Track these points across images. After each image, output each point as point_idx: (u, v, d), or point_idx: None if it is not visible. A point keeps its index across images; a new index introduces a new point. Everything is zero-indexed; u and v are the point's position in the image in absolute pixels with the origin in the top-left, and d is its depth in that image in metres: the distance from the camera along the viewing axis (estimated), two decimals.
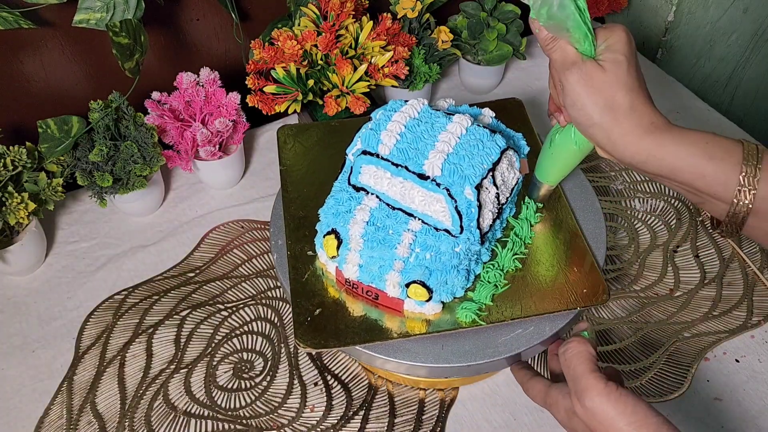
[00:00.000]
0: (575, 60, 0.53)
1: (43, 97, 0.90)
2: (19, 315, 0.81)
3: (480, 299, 0.61)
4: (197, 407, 0.72)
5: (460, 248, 0.59)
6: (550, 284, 0.62)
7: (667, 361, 0.75)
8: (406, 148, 0.60)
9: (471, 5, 1.00)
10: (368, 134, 0.61)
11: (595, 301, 0.60)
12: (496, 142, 0.61)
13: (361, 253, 0.59)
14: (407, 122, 0.61)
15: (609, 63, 0.52)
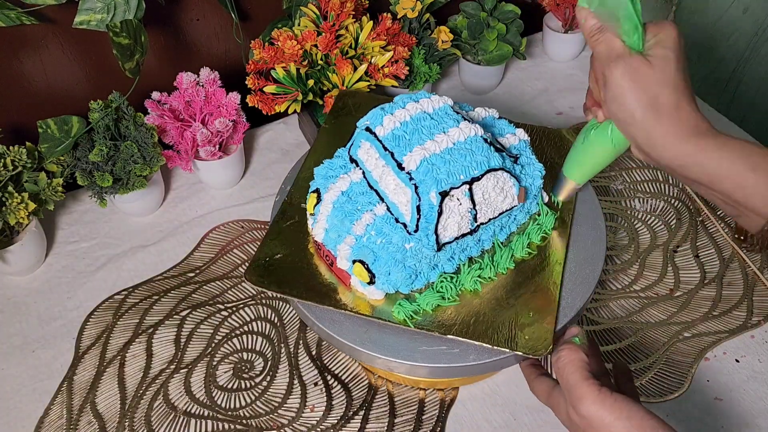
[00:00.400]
0: (622, 53, 0.50)
1: (43, 97, 0.90)
2: (19, 315, 0.81)
3: (421, 303, 0.61)
4: (197, 407, 0.72)
5: (411, 246, 0.59)
6: (494, 317, 0.61)
7: (667, 361, 0.75)
8: (400, 135, 0.60)
9: (471, 5, 1.00)
10: (377, 113, 0.63)
11: (529, 352, 0.58)
12: (487, 159, 0.59)
13: (328, 218, 0.62)
14: (417, 113, 0.62)
15: (657, 59, 0.50)
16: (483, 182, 0.59)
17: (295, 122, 1.02)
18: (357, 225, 0.61)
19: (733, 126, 1.01)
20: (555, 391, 0.57)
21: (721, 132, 0.51)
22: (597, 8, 0.51)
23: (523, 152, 0.67)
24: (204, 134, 0.85)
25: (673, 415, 0.70)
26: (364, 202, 0.62)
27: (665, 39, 0.51)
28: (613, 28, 0.51)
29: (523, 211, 0.66)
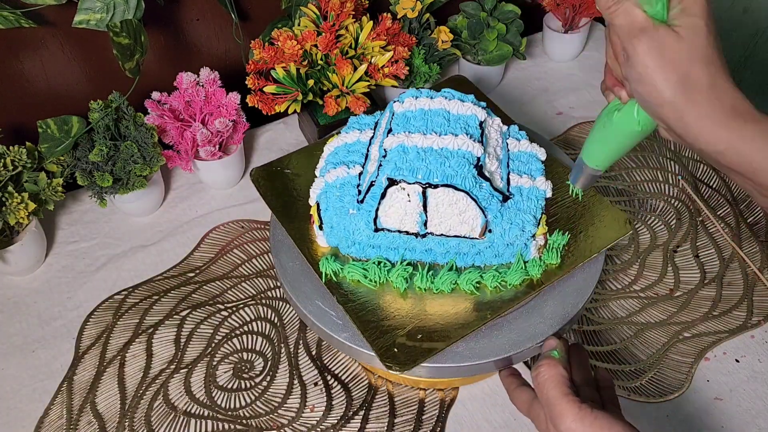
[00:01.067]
0: (645, 25, 0.44)
1: (43, 97, 0.90)
2: (19, 315, 0.81)
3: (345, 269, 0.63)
4: (197, 407, 0.72)
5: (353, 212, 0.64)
6: None
7: (667, 361, 0.75)
8: (410, 118, 0.64)
9: (471, 5, 1.00)
10: (410, 92, 0.66)
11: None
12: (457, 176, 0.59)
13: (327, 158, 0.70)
14: (438, 108, 0.64)
15: (686, 29, 0.43)
16: (439, 193, 0.59)
17: (295, 122, 1.02)
18: (331, 173, 0.65)
19: None
20: (535, 403, 0.56)
21: (764, 113, 0.44)
22: None
23: (531, 198, 0.64)
24: (204, 134, 0.85)
25: (673, 415, 0.70)
26: (354, 158, 0.67)
27: (692, 5, 0.44)
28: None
29: (492, 252, 0.63)
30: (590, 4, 1.05)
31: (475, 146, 0.60)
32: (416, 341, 0.59)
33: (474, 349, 0.60)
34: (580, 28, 1.10)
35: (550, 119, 1.03)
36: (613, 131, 0.53)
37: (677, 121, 0.45)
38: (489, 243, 0.62)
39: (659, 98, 0.45)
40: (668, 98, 0.44)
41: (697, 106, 0.44)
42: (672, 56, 0.44)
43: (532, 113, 1.05)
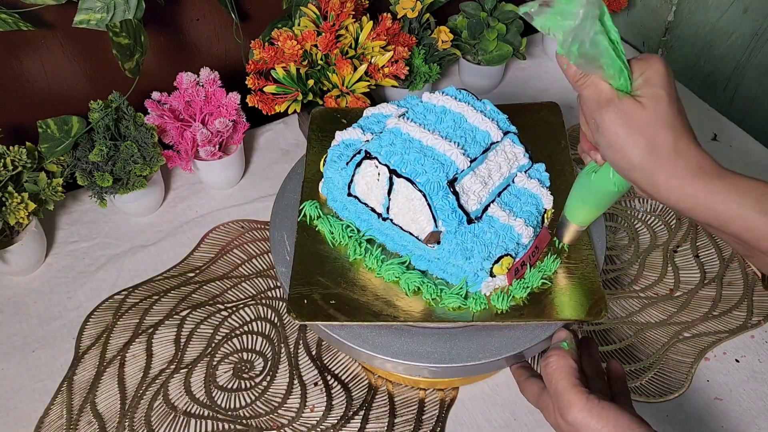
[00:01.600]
0: (610, 97, 0.48)
1: (43, 97, 0.90)
2: (19, 315, 0.81)
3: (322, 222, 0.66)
4: (197, 407, 0.72)
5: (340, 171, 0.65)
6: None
7: (667, 361, 0.75)
8: (426, 109, 0.64)
9: (471, 5, 1.00)
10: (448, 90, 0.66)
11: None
12: (423, 177, 0.59)
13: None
14: (457, 111, 0.64)
15: (648, 99, 0.47)
16: (401, 185, 0.60)
17: (295, 122, 1.02)
18: (347, 131, 0.68)
19: (734, 126, 1.01)
20: (545, 394, 0.57)
21: (728, 170, 0.48)
22: (577, 60, 0.47)
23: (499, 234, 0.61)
24: (204, 134, 0.85)
25: (673, 415, 0.70)
26: (375, 128, 0.68)
27: (653, 76, 0.48)
28: (598, 74, 0.48)
29: (439, 266, 0.62)
30: None
31: (461, 159, 0.60)
32: (327, 305, 0.60)
33: (474, 349, 0.60)
34: None
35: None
36: (592, 191, 0.57)
37: (647, 183, 0.49)
38: (438, 255, 0.61)
39: (629, 163, 0.48)
40: (637, 163, 0.48)
41: (664, 167, 0.47)
42: (637, 124, 0.47)
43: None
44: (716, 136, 1.00)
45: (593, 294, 0.61)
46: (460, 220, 0.59)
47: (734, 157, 0.96)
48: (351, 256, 0.64)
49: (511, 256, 0.60)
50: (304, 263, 0.64)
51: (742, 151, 0.97)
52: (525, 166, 0.66)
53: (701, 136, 1.01)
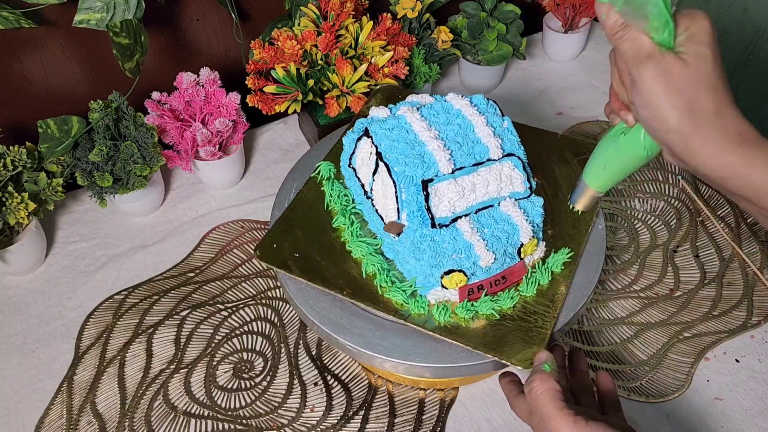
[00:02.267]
0: (651, 52, 0.44)
1: (43, 97, 0.90)
2: (19, 315, 0.81)
3: None
4: (197, 407, 0.72)
5: None
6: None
7: (667, 361, 0.75)
8: (434, 113, 0.65)
9: (471, 5, 1.00)
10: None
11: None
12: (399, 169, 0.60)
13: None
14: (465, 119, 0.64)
15: (692, 56, 0.44)
16: (382, 169, 0.62)
17: (295, 122, 1.02)
18: (379, 109, 0.69)
19: None
20: (534, 415, 0.55)
21: None
22: (622, 6, 0.45)
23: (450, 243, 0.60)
24: (204, 134, 0.85)
25: (673, 415, 0.70)
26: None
27: (698, 32, 0.45)
28: (641, 25, 0.45)
29: (398, 258, 0.63)
30: (590, 4, 1.05)
31: (445, 163, 0.60)
32: (290, 257, 0.64)
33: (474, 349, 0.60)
34: (580, 28, 1.10)
35: (550, 119, 1.03)
36: (618, 154, 0.53)
37: (682, 147, 0.45)
38: (397, 247, 0.62)
39: (665, 124, 0.45)
40: (674, 124, 0.45)
41: (703, 132, 0.44)
42: (678, 83, 0.44)
43: (532, 113, 1.05)
44: None
45: (532, 343, 0.59)
46: (423, 221, 0.59)
47: None
48: (334, 222, 0.67)
49: (464, 273, 0.59)
50: (293, 213, 0.68)
51: None
52: (519, 194, 0.63)
53: None
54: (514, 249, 0.61)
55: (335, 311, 0.63)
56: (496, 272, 0.61)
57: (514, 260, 0.61)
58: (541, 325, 0.60)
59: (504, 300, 0.61)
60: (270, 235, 0.66)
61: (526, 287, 0.62)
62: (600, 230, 0.69)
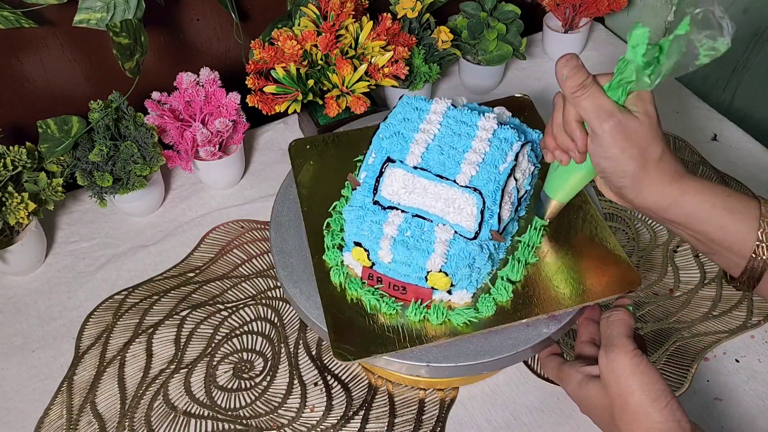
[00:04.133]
0: (612, 111, 0.52)
1: (43, 97, 0.90)
2: (19, 315, 0.81)
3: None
4: (197, 407, 0.72)
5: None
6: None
7: (667, 361, 0.75)
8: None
9: (471, 5, 1.00)
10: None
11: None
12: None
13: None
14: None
15: (643, 114, 0.53)
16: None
17: (295, 122, 1.03)
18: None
19: (733, 126, 1.01)
20: (565, 366, 0.60)
21: (697, 176, 0.55)
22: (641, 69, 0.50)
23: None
24: (204, 134, 0.85)
25: None
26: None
27: (644, 94, 0.53)
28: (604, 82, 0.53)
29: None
30: (590, 4, 1.05)
31: (414, 158, 0.61)
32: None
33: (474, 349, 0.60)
34: (580, 28, 1.10)
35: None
36: (572, 173, 0.60)
37: (633, 187, 0.55)
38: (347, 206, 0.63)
39: (622, 171, 0.54)
40: (630, 171, 0.54)
41: (650, 174, 0.54)
42: (634, 137, 0.53)
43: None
44: (716, 136, 1.00)
45: None
46: (368, 193, 0.62)
47: (734, 157, 0.96)
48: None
49: (363, 248, 0.60)
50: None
51: (742, 151, 0.97)
52: (462, 231, 0.59)
53: (701, 136, 1.02)
54: (421, 270, 0.59)
55: None
56: (396, 277, 0.61)
57: (421, 281, 0.60)
58: None
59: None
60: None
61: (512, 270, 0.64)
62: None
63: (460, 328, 0.60)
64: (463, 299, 0.61)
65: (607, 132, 0.52)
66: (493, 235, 0.60)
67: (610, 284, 0.62)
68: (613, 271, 0.63)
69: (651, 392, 0.52)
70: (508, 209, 0.61)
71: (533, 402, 0.71)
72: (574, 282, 0.62)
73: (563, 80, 0.54)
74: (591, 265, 0.64)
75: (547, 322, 0.61)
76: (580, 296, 0.61)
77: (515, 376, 0.73)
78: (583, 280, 0.63)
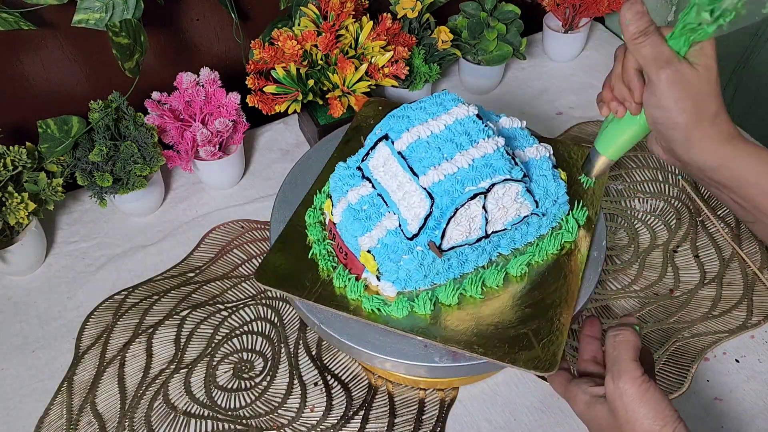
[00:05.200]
0: (670, 59, 0.51)
1: (43, 97, 0.90)
2: (19, 315, 0.81)
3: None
4: (197, 407, 0.72)
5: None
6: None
7: (667, 361, 0.75)
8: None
9: (471, 5, 1.00)
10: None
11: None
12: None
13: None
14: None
15: (702, 68, 0.51)
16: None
17: (295, 122, 1.03)
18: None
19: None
20: (572, 386, 0.59)
21: (751, 142, 0.54)
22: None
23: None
24: (204, 134, 0.85)
25: None
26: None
27: (707, 46, 0.51)
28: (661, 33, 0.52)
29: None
30: (590, 4, 1.05)
31: (406, 138, 0.61)
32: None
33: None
34: (580, 28, 1.10)
35: (550, 119, 1.03)
36: (625, 126, 0.58)
37: (683, 140, 0.53)
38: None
39: (673, 122, 0.53)
40: (681, 122, 0.52)
41: (703, 130, 0.52)
42: (691, 89, 0.51)
43: (532, 113, 1.05)
44: None
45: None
46: (359, 158, 0.65)
47: None
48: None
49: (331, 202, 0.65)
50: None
51: None
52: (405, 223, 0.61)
53: None
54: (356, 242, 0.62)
55: (336, 312, 0.63)
56: (345, 241, 0.63)
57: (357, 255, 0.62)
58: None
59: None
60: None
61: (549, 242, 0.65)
62: (600, 230, 0.69)
63: (367, 312, 0.61)
64: (387, 291, 0.62)
65: (663, 80, 0.51)
66: (430, 246, 0.59)
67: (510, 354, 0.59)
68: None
69: (660, 419, 0.51)
70: (462, 232, 0.59)
71: (533, 402, 0.71)
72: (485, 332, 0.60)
73: (625, 25, 0.52)
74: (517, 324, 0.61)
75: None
76: (469, 346, 0.59)
77: (515, 376, 0.73)
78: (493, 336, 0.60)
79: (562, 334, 0.59)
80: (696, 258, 0.84)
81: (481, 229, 0.61)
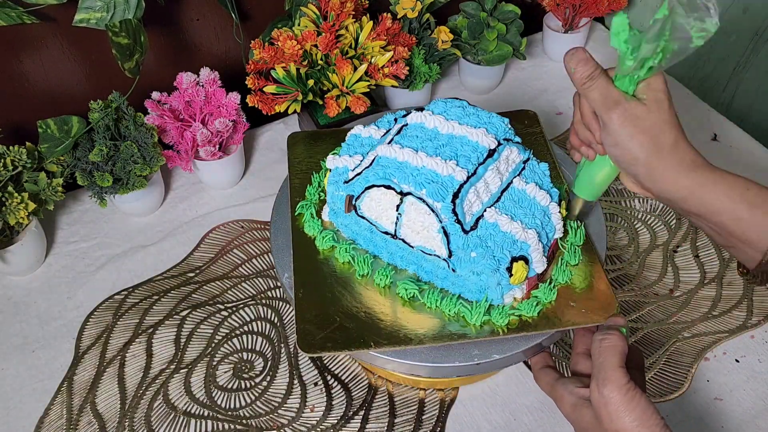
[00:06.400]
0: (618, 99, 0.53)
1: (43, 97, 0.90)
2: (19, 315, 0.81)
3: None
4: (197, 407, 0.72)
5: None
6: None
7: (667, 361, 0.75)
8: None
9: (471, 5, 1.00)
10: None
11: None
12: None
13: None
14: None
15: (652, 101, 0.53)
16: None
17: (295, 122, 1.02)
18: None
19: (733, 126, 1.01)
20: (558, 386, 0.58)
21: (715, 167, 0.54)
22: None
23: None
24: (204, 134, 0.85)
25: (673, 415, 0.70)
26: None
27: (654, 81, 0.53)
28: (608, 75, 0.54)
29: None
30: (590, 5, 1.05)
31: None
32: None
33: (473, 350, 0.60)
34: (580, 28, 1.10)
35: (550, 119, 1.03)
36: (595, 168, 0.61)
37: (647, 176, 0.55)
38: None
39: (634, 159, 0.54)
40: (641, 158, 0.54)
41: (664, 161, 0.53)
42: (642, 124, 0.53)
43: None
44: (716, 136, 1.00)
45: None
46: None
47: (734, 157, 0.96)
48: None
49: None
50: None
51: (742, 151, 0.97)
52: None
53: (701, 136, 1.01)
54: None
55: None
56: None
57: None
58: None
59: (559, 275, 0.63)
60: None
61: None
62: (600, 230, 0.69)
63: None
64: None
65: (615, 120, 0.53)
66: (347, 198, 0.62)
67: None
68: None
69: (646, 427, 0.51)
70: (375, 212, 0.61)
71: (533, 402, 0.71)
72: None
73: (572, 72, 0.55)
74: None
75: None
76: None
77: (515, 376, 0.73)
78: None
79: None
80: (696, 258, 0.84)
81: (393, 225, 0.60)
